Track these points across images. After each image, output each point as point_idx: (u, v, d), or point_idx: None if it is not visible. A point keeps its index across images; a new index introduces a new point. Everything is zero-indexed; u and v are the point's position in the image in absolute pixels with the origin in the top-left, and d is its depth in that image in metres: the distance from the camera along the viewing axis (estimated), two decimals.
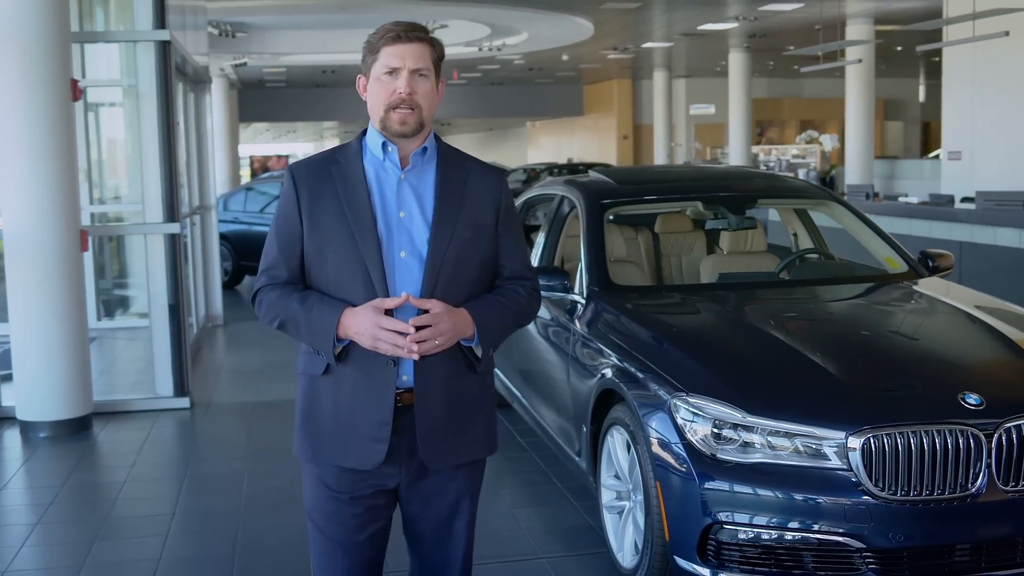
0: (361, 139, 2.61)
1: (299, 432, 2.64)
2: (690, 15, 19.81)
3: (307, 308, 2.51)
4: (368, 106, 2.56)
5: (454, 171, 2.60)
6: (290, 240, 2.56)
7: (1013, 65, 11.93)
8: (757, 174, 6.19)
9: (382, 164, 2.56)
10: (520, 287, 2.66)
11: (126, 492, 5.37)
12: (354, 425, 2.53)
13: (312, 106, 36.51)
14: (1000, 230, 8.39)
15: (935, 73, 30.25)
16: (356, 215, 2.50)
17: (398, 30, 2.50)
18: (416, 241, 2.51)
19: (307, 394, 2.61)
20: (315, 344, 2.51)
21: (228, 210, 13.88)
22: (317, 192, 2.54)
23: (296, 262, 2.57)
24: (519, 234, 2.71)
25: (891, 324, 4.41)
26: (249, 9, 17.85)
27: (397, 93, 2.48)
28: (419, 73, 2.50)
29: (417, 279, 2.49)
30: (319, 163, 2.60)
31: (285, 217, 2.57)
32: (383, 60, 2.50)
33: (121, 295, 11.47)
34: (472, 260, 2.56)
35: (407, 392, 2.52)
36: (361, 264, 2.48)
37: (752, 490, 3.42)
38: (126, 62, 9.56)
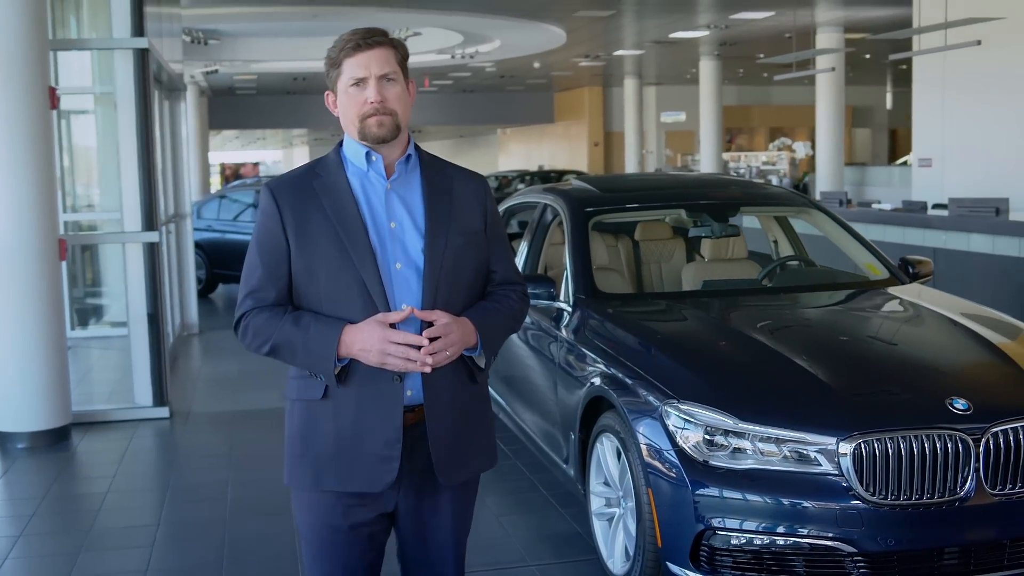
0: (339, 151, 2.53)
1: (294, 460, 2.52)
2: (662, 23, 19.93)
3: (302, 328, 2.40)
4: (341, 121, 2.49)
5: (439, 178, 2.54)
6: (277, 260, 2.46)
7: (982, 73, 12.08)
8: (739, 182, 6.24)
9: (366, 175, 2.48)
10: (512, 292, 2.63)
11: (109, 503, 5.34)
12: (359, 447, 2.44)
13: (282, 113, 36.43)
14: (973, 236, 8.48)
15: (902, 81, 30.58)
16: (347, 228, 2.42)
17: (356, 39, 2.42)
18: (411, 252, 2.44)
19: (303, 420, 2.50)
20: (314, 366, 2.42)
21: (201, 218, 13.81)
22: (302, 208, 2.45)
23: (284, 282, 2.47)
24: (506, 238, 2.68)
25: (877, 330, 4.45)
26: (222, 17, 17.79)
27: (368, 103, 2.41)
28: (387, 78, 2.43)
29: (416, 291, 2.43)
30: (299, 178, 2.51)
31: (268, 236, 2.47)
32: (348, 72, 2.42)
33: (94, 304, 11.39)
34: (467, 267, 2.51)
35: (410, 411, 2.44)
36: (357, 278, 2.40)
37: (744, 496, 3.44)
38: (99, 69, 9.52)
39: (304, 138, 54.34)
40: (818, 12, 18.26)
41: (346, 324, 2.38)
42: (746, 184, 6.41)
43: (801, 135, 35.44)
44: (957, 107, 12.70)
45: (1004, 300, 7.67)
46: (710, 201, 5.69)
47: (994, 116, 12.10)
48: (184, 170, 10.86)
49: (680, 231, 6.16)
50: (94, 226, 11.09)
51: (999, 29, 10.92)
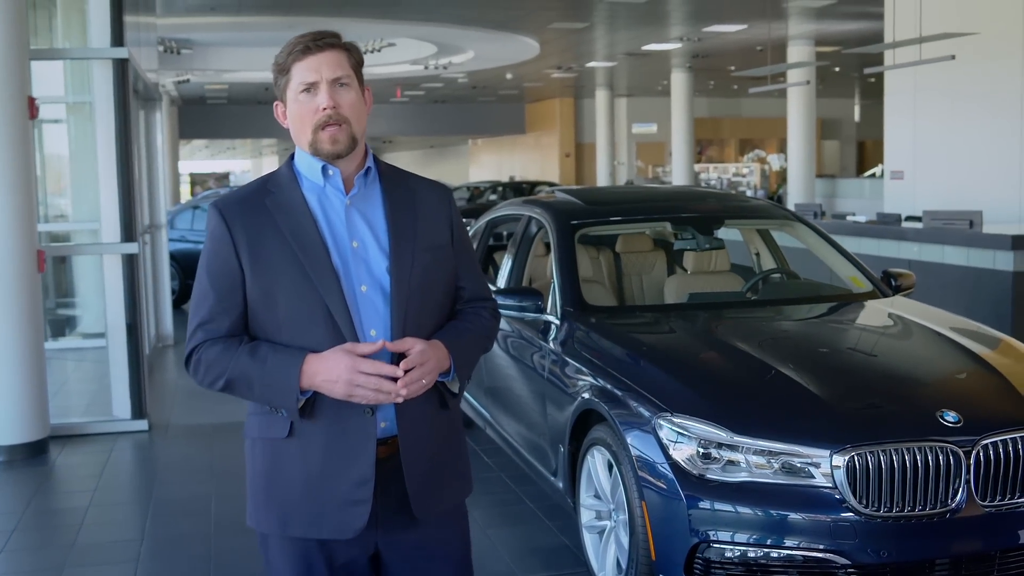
0: (291, 165, 2.34)
1: (258, 503, 2.34)
2: (635, 35, 20.03)
3: (259, 360, 2.21)
4: (292, 133, 2.30)
5: (400, 191, 2.36)
6: (230, 287, 2.26)
7: (954, 86, 12.23)
8: (722, 195, 6.28)
9: (323, 190, 2.29)
10: (483, 309, 2.47)
11: (91, 517, 5.28)
12: (328, 489, 2.25)
13: (252, 123, 36.28)
14: (948, 248, 8.57)
15: (870, 93, 30.91)
16: (306, 249, 2.23)
17: (306, 41, 2.24)
18: (375, 273, 2.26)
19: (267, 462, 2.31)
20: (273, 400, 2.22)
21: (175, 228, 13.73)
22: (255, 229, 2.25)
23: (238, 311, 2.27)
24: (472, 250, 2.53)
25: (866, 343, 4.49)
26: (196, 26, 17.72)
27: (321, 110, 2.22)
28: (339, 83, 2.24)
29: (384, 314, 2.25)
30: (249, 196, 2.31)
31: (218, 262, 2.27)
32: (297, 77, 2.23)
33: (67, 315, 11.28)
34: (436, 286, 2.34)
35: (382, 443, 2.26)
36: (320, 304, 2.21)
37: (738, 509, 3.46)
38: (72, 78, 9.45)
39: (274, 148, 54.14)
40: (790, 25, 18.42)
41: (307, 353, 2.19)
42: (730, 197, 6.44)
43: (771, 147, 35.73)
44: (929, 120, 12.84)
45: (979, 311, 7.74)
46: (695, 214, 5.71)
47: (966, 129, 12.24)
48: (159, 180, 10.80)
49: (661, 243, 6.19)
50: (68, 237, 11.00)
51: (973, 44, 11.06)
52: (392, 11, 16.43)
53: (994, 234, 8.07)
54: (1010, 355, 4.17)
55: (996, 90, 11.73)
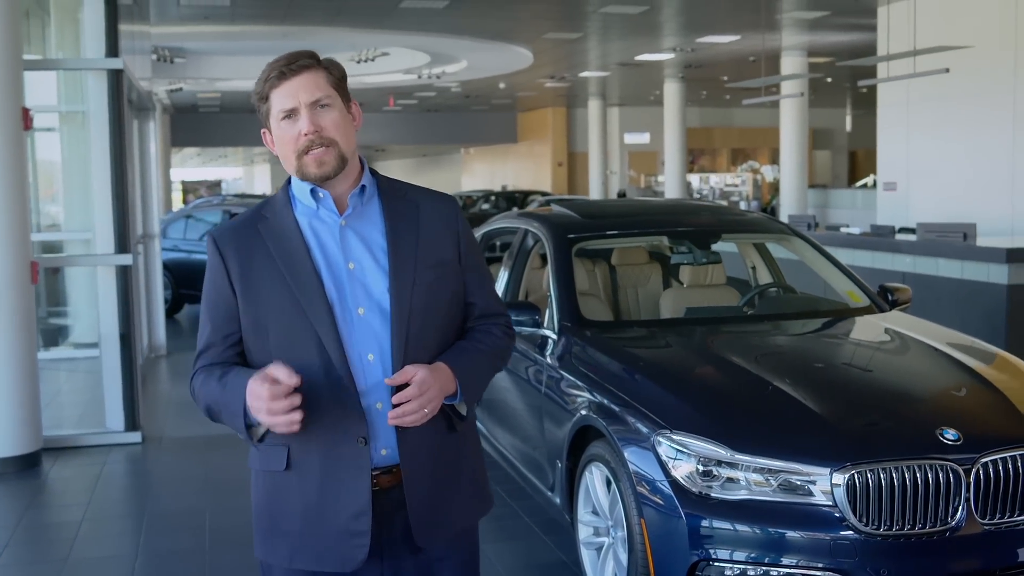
0: (287, 189, 2.30)
1: (264, 535, 2.32)
2: (628, 45, 20.05)
3: (222, 384, 2.18)
4: (280, 159, 2.26)
5: (401, 205, 2.29)
6: (225, 316, 2.25)
7: (947, 98, 12.27)
8: (719, 209, 6.27)
9: (316, 213, 2.25)
10: (494, 327, 2.38)
11: (84, 532, 5.25)
12: (326, 521, 2.21)
13: (245, 131, 36.19)
14: (942, 261, 8.58)
15: (862, 103, 30.99)
16: (296, 274, 2.19)
17: (280, 66, 2.18)
18: (374, 294, 2.21)
19: (268, 495, 2.29)
20: (232, 425, 2.19)
21: (167, 238, 13.71)
22: (247, 257, 2.23)
23: (234, 339, 2.26)
24: (484, 266, 2.43)
25: (865, 359, 4.49)
26: (188, 35, 17.70)
27: (303, 135, 2.17)
28: (319, 104, 2.18)
29: (383, 337, 2.19)
30: (244, 223, 2.28)
31: (215, 291, 2.27)
32: (276, 104, 2.19)
33: (59, 324, 11.23)
34: (440, 305, 2.27)
35: (384, 473, 2.21)
36: (310, 330, 2.17)
37: (738, 526, 3.44)
38: (66, 87, 9.42)
39: (265, 156, 54.03)
40: (783, 37, 18.46)
41: (252, 375, 2.10)
42: (726, 211, 6.43)
43: (763, 156, 35.79)
44: (922, 132, 12.88)
45: (973, 324, 7.76)
46: (692, 228, 5.71)
47: (958, 141, 12.28)
48: (153, 190, 10.77)
49: (657, 255, 6.18)
50: (60, 246, 10.96)
51: (967, 56, 11.10)
52: (386, 21, 16.43)
53: (989, 247, 8.09)
54: (1008, 372, 4.17)
55: (988, 102, 11.77)
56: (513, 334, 2.46)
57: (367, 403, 2.19)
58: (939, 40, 10.93)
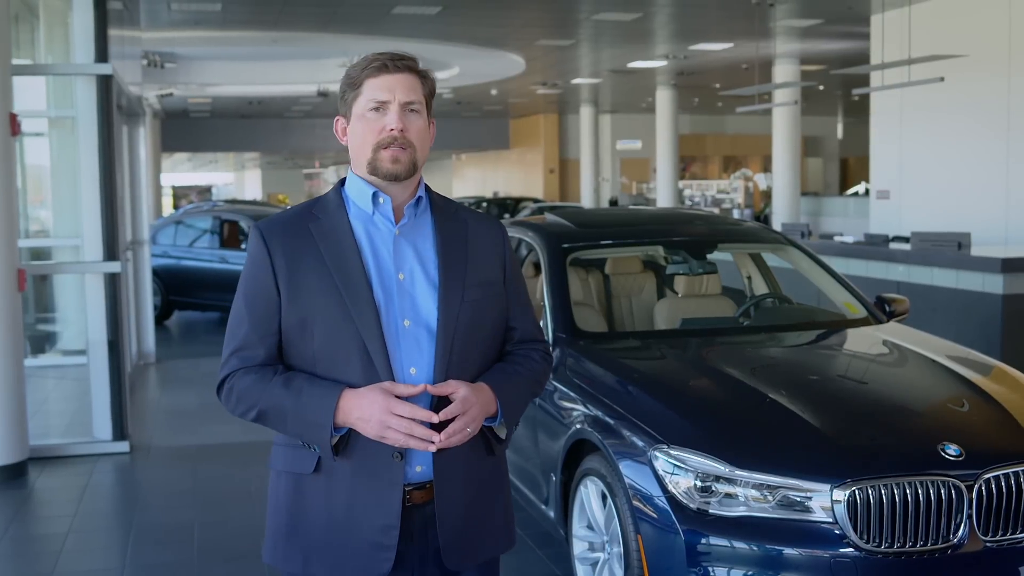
0: (340, 190, 2.25)
1: (278, 539, 2.25)
2: (621, 53, 20.02)
3: (294, 391, 2.11)
4: (351, 150, 2.22)
5: (451, 223, 2.27)
6: (265, 313, 2.18)
7: (940, 107, 12.24)
8: (715, 218, 6.21)
9: (371, 218, 2.20)
10: (533, 352, 2.35)
11: (70, 545, 5.16)
12: (352, 531, 2.15)
13: (236, 137, 36.17)
14: (937, 270, 8.54)
15: (853, 111, 31.02)
16: (347, 279, 2.14)
17: (384, 59, 2.17)
18: (421, 308, 2.17)
19: (291, 497, 2.22)
20: (306, 435, 2.13)
21: (157, 244, 13.62)
22: (296, 254, 2.17)
23: (273, 339, 2.18)
24: (526, 292, 2.41)
25: (863, 372, 4.43)
26: (179, 40, 17.62)
27: (387, 131, 2.14)
28: (410, 108, 2.17)
29: (427, 351, 2.15)
30: (294, 219, 2.22)
31: (257, 286, 2.18)
32: (368, 94, 2.15)
33: (48, 331, 11.13)
34: (484, 324, 2.24)
35: (418, 488, 2.17)
36: (356, 337, 2.12)
37: (737, 544, 3.38)
38: (55, 92, 9.33)
39: (256, 161, 53.98)
40: (776, 45, 18.45)
41: (345, 388, 2.10)
42: (722, 221, 6.38)
43: (755, 164, 35.80)
44: (915, 140, 12.86)
45: (968, 335, 7.71)
46: (688, 238, 5.65)
47: (952, 149, 12.26)
48: (142, 196, 10.68)
49: (651, 265, 6.12)
50: (49, 252, 10.87)
51: (961, 65, 11.08)
52: (377, 27, 16.37)
53: (984, 257, 8.05)
54: (1010, 385, 4.11)
55: (982, 111, 11.75)
56: (551, 361, 2.43)
57: None
58: (933, 49, 10.91)
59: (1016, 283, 7.79)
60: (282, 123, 35.26)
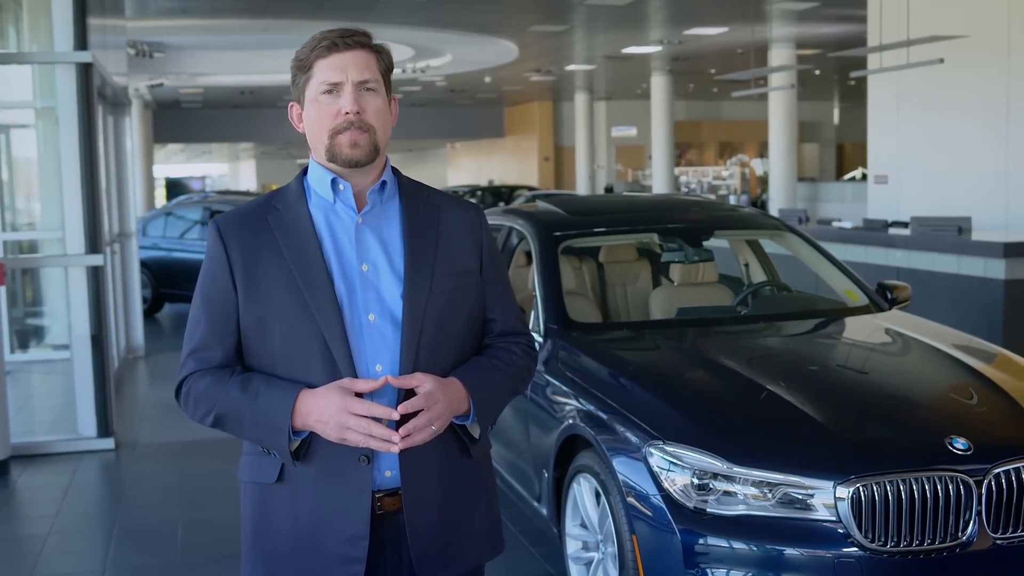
0: (302, 179, 2.11)
1: (246, 552, 2.13)
2: (614, 38, 19.84)
3: (250, 394, 1.99)
4: (308, 138, 2.07)
5: (422, 208, 2.12)
6: (222, 313, 2.05)
7: (938, 90, 12.08)
8: (711, 204, 6.05)
9: (332, 207, 2.07)
10: (515, 345, 2.19)
11: (51, 546, 5.01)
12: (319, 542, 2.02)
13: (229, 127, 35.99)
14: (938, 256, 8.39)
15: (849, 96, 30.87)
16: (306, 273, 2.00)
17: (333, 37, 2.02)
18: (387, 299, 2.02)
19: (256, 507, 2.09)
20: (264, 440, 2.00)
21: (147, 236, 13.46)
22: (253, 249, 2.04)
23: (232, 339, 2.06)
24: (507, 281, 2.24)
25: (866, 363, 4.27)
26: (168, 29, 17.42)
27: (343, 114, 2.00)
28: (366, 87, 2.02)
29: (393, 346, 2.01)
30: (252, 212, 2.09)
31: (213, 284, 2.06)
32: (319, 76, 2.01)
33: (35, 325, 10.97)
34: (457, 317, 2.09)
35: (389, 495, 2.02)
36: (317, 334, 1.98)
37: (736, 543, 3.23)
38: (40, 83, 9.16)
39: (251, 152, 53.73)
40: (772, 28, 18.28)
41: (303, 389, 1.96)
42: (718, 206, 6.22)
43: (751, 150, 35.63)
44: (913, 124, 12.69)
45: (970, 321, 7.58)
46: (683, 224, 5.49)
47: (950, 133, 12.10)
48: (129, 188, 10.51)
49: (646, 253, 5.97)
50: (36, 246, 10.71)
51: (958, 47, 10.91)
52: (368, 14, 16.18)
53: (985, 241, 7.90)
54: (1017, 375, 3.96)
55: (981, 94, 11.59)
56: (535, 355, 2.27)
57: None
58: (931, 31, 10.73)
59: (1019, 268, 7.64)
60: (275, 113, 35.06)
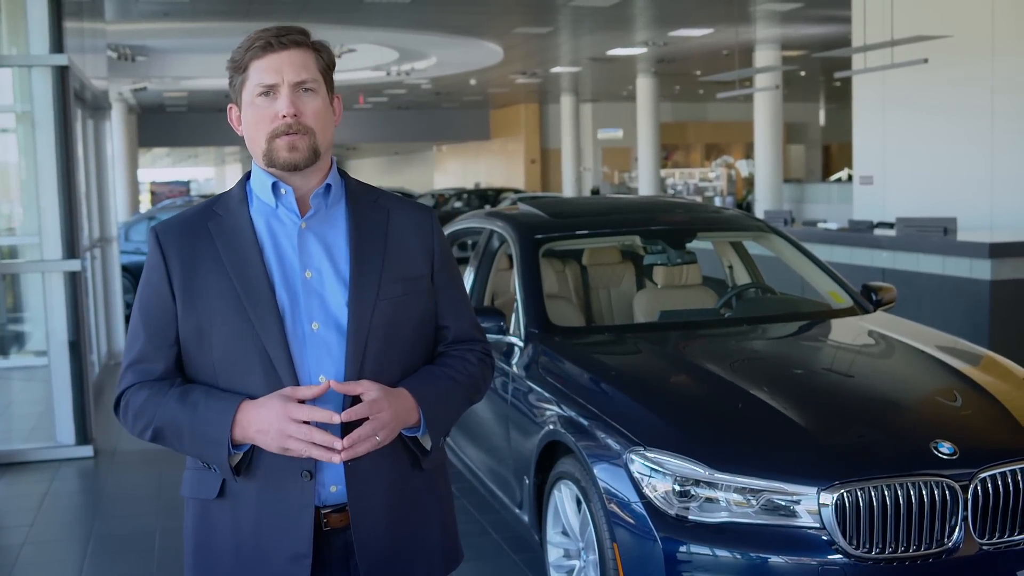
0: (245, 184, 2.05)
1: (190, 571, 2.07)
2: (599, 40, 19.80)
3: (189, 406, 1.91)
4: (247, 141, 2.00)
5: (369, 212, 2.05)
6: (161, 324, 1.98)
7: (923, 90, 12.06)
8: (694, 206, 6.00)
9: (275, 212, 2.00)
10: (469, 353, 2.12)
11: (25, 557, 4.93)
12: (261, 561, 1.94)
13: (214, 130, 35.78)
14: (923, 256, 8.35)
15: (835, 97, 30.89)
16: (245, 280, 1.93)
17: (267, 36, 1.93)
18: (331, 307, 1.95)
19: (198, 524, 2.02)
20: (204, 454, 1.92)
21: (130, 240, 13.36)
22: (192, 257, 1.97)
23: (171, 351, 1.99)
24: (461, 286, 2.18)
25: (850, 366, 4.23)
26: (149, 32, 17.31)
27: (279, 118, 1.92)
28: (303, 87, 1.94)
29: (338, 356, 1.94)
30: (191, 219, 2.02)
31: (152, 294, 1.99)
32: (254, 78, 1.93)
33: (15, 331, 10.86)
34: (405, 324, 2.01)
35: (336, 511, 1.95)
36: (257, 344, 1.91)
37: (719, 551, 3.18)
38: (19, 86, 9.06)
39: (237, 155, 53.55)
40: (756, 30, 18.26)
41: (243, 400, 1.89)
42: (701, 208, 6.16)
43: (737, 151, 35.64)
44: (898, 124, 12.67)
45: (956, 322, 7.54)
46: (666, 227, 5.43)
47: (936, 134, 12.08)
48: (110, 192, 10.41)
49: (629, 255, 5.91)
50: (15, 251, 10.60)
51: (945, 47, 10.89)
52: (352, 16, 16.11)
53: (971, 242, 7.86)
54: (1004, 377, 3.91)
55: (966, 94, 11.57)
56: (492, 363, 2.21)
57: None
58: (915, 30, 10.71)
59: (1004, 268, 7.61)
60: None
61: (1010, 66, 11.03)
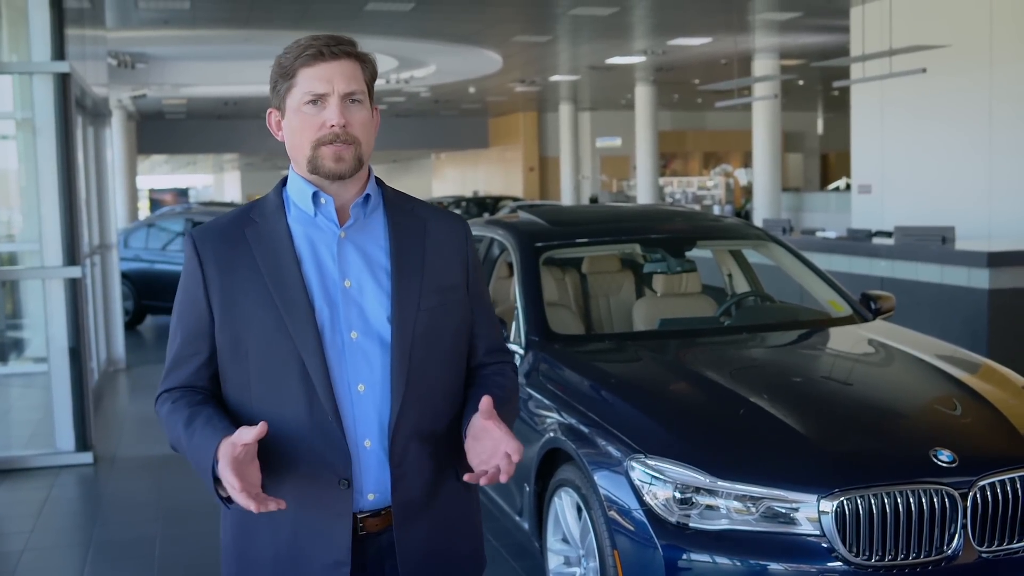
0: (281, 191, 2.03)
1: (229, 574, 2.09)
2: (598, 49, 19.83)
3: (190, 432, 1.91)
4: (288, 147, 1.99)
5: (407, 221, 2.03)
6: (197, 331, 1.99)
7: (921, 100, 12.10)
8: (693, 214, 6.02)
9: (313, 221, 1.99)
10: (506, 366, 2.15)
11: (25, 564, 4.93)
12: (300, 568, 1.96)
13: (213, 138, 35.86)
14: (921, 265, 8.38)
15: (833, 106, 30.95)
16: (283, 290, 1.93)
17: (319, 45, 1.92)
18: (371, 318, 1.95)
19: (237, 533, 2.03)
20: (202, 477, 1.91)
21: (129, 247, 13.36)
22: (229, 265, 1.96)
23: (205, 358, 1.99)
24: (488, 297, 2.19)
25: (849, 374, 4.24)
26: (149, 40, 17.34)
27: (328, 126, 1.91)
28: (352, 98, 1.94)
29: (376, 365, 1.93)
30: (229, 226, 2.01)
31: (188, 301, 1.99)
32: (303, 86, 1.92)
33: (15, 337, 10.86)
34: (445, 335, 2.01)
35: (374, 516, 1.96)
36: (294, 354, 1.90)
37: (719, 559, 3.19)
38: (20, 93, 9.09)
39: (235, 163, 53.56)
40: (755, 39, 18.30)
41: (224, 437, 1.84)
42: (701, 216, 6.18)
43: (735, 160, 35.69)
44: (896, 133, 12.71)
45: (954, 330, 7.56)
46: (666, 235, 5.45)
47: (934, 143, 12.12)
48: (110, 199, 10.43)
49: (629, 264, 5.93)
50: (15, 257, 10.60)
51: (943, 56, 10.93)
52: (351, 24, 16.12)
53: (969, 251, 7.88)
54: (1002, 386, 3.93)
55: (964, 103, 11.62)
56: (518, 374, 2.25)
57: (353, 440, 1.93)
58: (913, 40, 10.75)
59: (1002, 277, 7.63)
60: (259, 124, 34.87)
61: (1008, 75, 11.07)
